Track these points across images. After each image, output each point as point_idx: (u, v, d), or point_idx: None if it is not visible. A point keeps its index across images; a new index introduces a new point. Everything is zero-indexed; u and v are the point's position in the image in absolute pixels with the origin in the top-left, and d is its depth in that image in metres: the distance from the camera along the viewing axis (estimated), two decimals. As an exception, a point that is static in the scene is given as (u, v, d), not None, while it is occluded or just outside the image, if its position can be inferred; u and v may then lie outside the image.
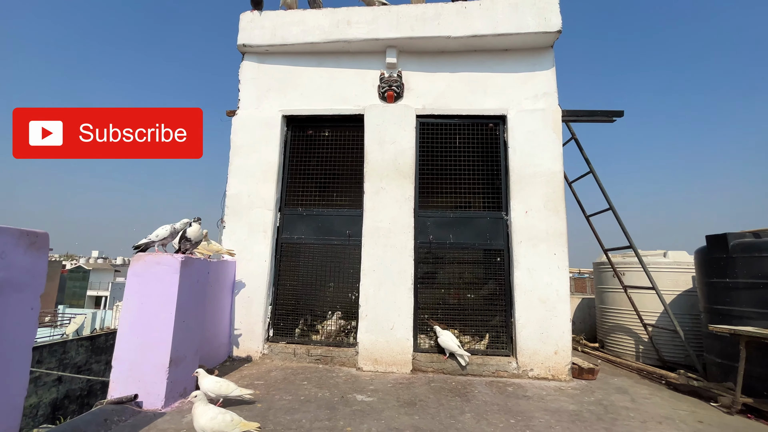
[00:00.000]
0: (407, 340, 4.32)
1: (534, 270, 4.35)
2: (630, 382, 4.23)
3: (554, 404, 3.39)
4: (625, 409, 3.34)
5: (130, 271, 3.11)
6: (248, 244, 4.73)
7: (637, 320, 5.04)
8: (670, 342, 4.88)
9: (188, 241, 3.34)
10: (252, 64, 5.22)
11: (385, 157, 4.74)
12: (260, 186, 4.86)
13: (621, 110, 4.79)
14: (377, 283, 4.47)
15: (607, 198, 4.92)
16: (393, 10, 4.89)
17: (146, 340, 3.00)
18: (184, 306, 3.15)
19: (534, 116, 4.66)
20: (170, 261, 3.10)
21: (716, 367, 3.95)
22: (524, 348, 4.22)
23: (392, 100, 4.86)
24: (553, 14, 4.59)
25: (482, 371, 4.21)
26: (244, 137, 5.01)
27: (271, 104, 5.09)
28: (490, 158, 4.81)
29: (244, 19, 5.15)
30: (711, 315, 4.00)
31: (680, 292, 5.09)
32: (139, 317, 3.02)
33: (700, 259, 4.27)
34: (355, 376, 4.04)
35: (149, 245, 3.28)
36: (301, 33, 5.01)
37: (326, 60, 5.15)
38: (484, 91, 4.83)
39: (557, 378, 4.12)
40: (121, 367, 2.98)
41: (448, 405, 3.28)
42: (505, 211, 4.61)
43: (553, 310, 4.25)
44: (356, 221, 4.74)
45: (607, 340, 5.75)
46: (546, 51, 4.81)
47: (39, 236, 1.87)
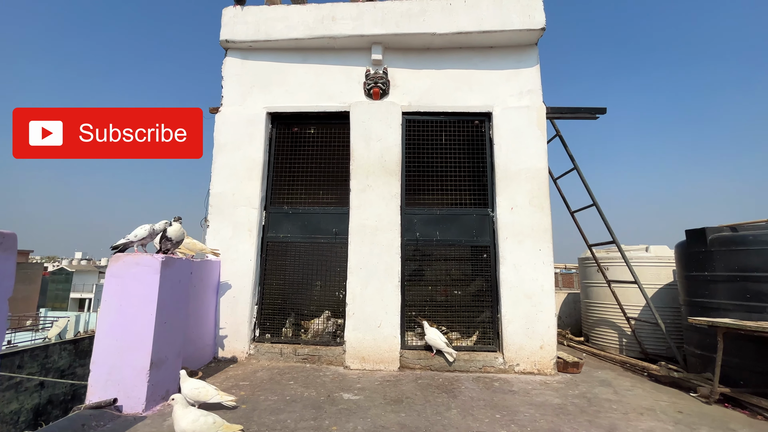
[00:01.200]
0: (395, 337, 4.32)
1: (520, 266, 4.39)
2: (613, 374, 4.31)
3: (539, 398, 3.42)
4: (608, 401, 3.40)
5: (108, 272, 3.03)
6: (233, 243, 4.66)
7: (620, 314, 5.13)
8: (653, 335, 4.98)
9: (169, 240, 3.27)
10: (235, 60, 5.13)
11: (371, 154, 4.72)
12: (245, 184, 4.79)
13: (604, 107, 4.86)
14: (364, 281, 4.46)
15: (591, 194, 4.99)
16: (378, 6, 4.85)
17: (126, 343, 2.93)
18: (165, 307, 3.08)
19: (519, 113, 4.69)
20: (150, 261, 3.03)
21: (696, 359, 4.05)
22: (510, 343, 4.26)
23: (378, 97, 4.83)
24: (537, 11, 4.62)
25: (469, 367, 4.24)
26: (227, 135, 4.93)
27: (256, 101, 5.01)
28: (476, 155, 4.82)
29: (226, 15, 5.06)
30: (690, 307, 4.10)
31: (662, 285, 5.20)
32: (118, 319, 2.95)
33: (680, 253, 4.36)
34: (343, 375, 4.02)
35: (128, 245, 3.20)
36: (285, 29, 4.94)
37: (311, 56, 5.09)
38: (469, 88, 4.84)
39: (543, 372, 4.17)
40: (99, 371, 2.90)
41: (434, 401, 3.29)
42: (491, 207, 4.63)
43: (539, 305, 4.29)
44: (343, 219, 4.71)
45: (591, 334, 5.85)
46: (530, 48, 4.84)
47: (5, 237, 1.80)
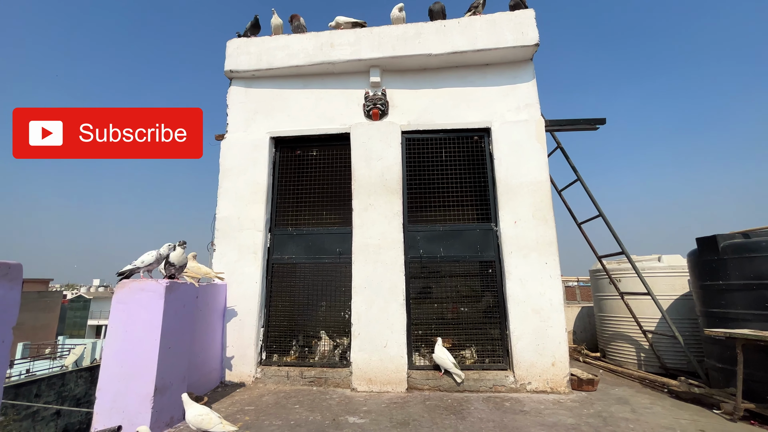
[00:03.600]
0: (401, 357, 4.25)
1: (526, 280, 4.31)
2: (631, 391, 4.13)
3: (551, 418, 3.30)
4: (624, 420, 3.25)
5: (114, 299, 3.09)
6: (239, 266, 4.71)
7: (636, 327, 4.96)
8: (672, 348, 4.78)
9: (172, 266, 3.33)
10: (239, 89, 5.33)
11: (372, 173, 4.78)
12: (250, 207, 4.88)
13: (603, 118, 4.85)
14: (369, 301, 4.43)
15: (596, 205, 4.92)
16: (374, 32, 5.02)
17: (130, 369, 2.95)
18: (169, 332, 3.12)
19: (518, 127, 4.72)
20: (154, 287, 3.09)
21: (718, 373, 3.86)
22: (521, 361, 4.14)
23: (377, 118, 4.93)
24: (530, 28, 4.70)
25: (479, 386, 4.12)
26: (233, 160, 5.07)
27: (259, 127, 5.17)
28: (477, 170, 4.84)
29: (230, 46, 5.29)
30: (707, 319, 3.94)
31: (677, 296, 5.02)
32: (124, 345, 2.99)
33: (693, 262, 4.23)
34: (349, 398, 3.95)
35: (134, 272, 3.27)
36: (286, 57, 5.13)
37: (312, 82, 5.26)
38: (467, 105, 4.91)
39: (556, 390, 4.02)
40: (104, 398, 2.93)
41: (441, 424, 3.19)
42: (495, 222, 4.61)
43: (548, 321, 4.18)
44: (346, 239, 4.73)
45: (608, 349, 5.64)
46: (526, 63, 4.91)
47: (12, 267, 1.87)
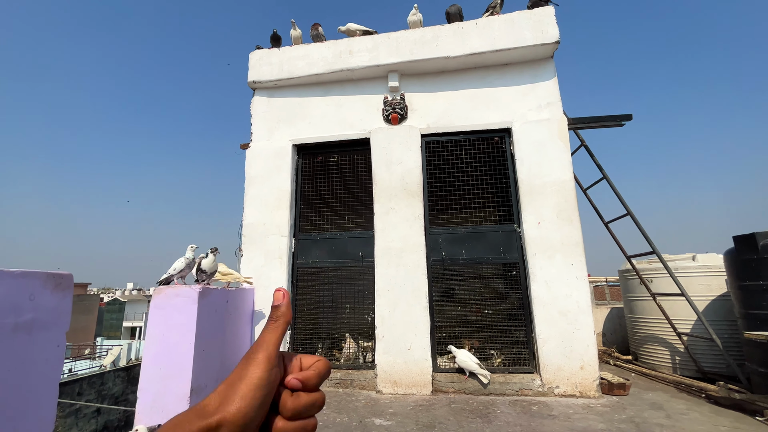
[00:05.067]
0: (425, 360, 4.26)
1: (551, 282, 4.24)
2: (666, 396, 3.99)
3: (581, 423, 3.23)
4: (659, 426, 3.15)
5: (152, 304, 3.27)
6: (265, 271, 4.86)
7: (670, 329, 4.77)
8: (709, 351, 4.57)
9: (204, 272, 3.49)
10: (262, 99, 5.50)
11: (393, 177, 4.83)
12: (274, 213, 5.03)
13: (629, 114, 4.71)
14: (392, 304, 4.47)
15: (624, 203, 4.78)
16: (392, 37, 5.07)
17: (168, 371, 3.11)
18: (203, 335, 3.26)
19: (539, 126, 4.65)
20: (188, 292, 3.24)
21: (760, 377, 3.67)
22: (547, 364, 4.07)
23: (397, 122, 4.97)
24: (549, 26, 4.63)
25: (505, 390, 4.08)
26: (257, 168, 5.23)
27: (282, 135, 5.32)
28: (498, 171, 4.80)
29: (253, 58, 5.47)
30: (747, 320, 3.76)
31: (714, 297, 4.80)
32: (161, 348, 3.15)
33: (730, 261, 4.05)
34: (375, 400, 4.01)
35: (170, 279, 3.45)
36: (306, 66, 5.26)
37: (332, 89, 5.36)
38: (486, 106, 4.88)
39: (585, 395, 3.93)
40: (145, 398, 3.10)
41: (468, 427, 3.19)
42: (517, 223, 4.56)
43: (575, 323, 4.10)
44: (368, 242, 4.80)
45: (640, 352, 5.45)
46: (546, 62, 4.83)
47: (64, 278, 2.02)
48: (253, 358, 0.36)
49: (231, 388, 0.34)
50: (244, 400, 0.33)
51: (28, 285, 1.83)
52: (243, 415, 0.33)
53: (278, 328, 0.39)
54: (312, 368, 0.40)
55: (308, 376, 0.38)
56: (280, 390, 0.38)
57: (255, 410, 0.34)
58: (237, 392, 0.34)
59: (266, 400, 0.35)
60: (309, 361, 0.41)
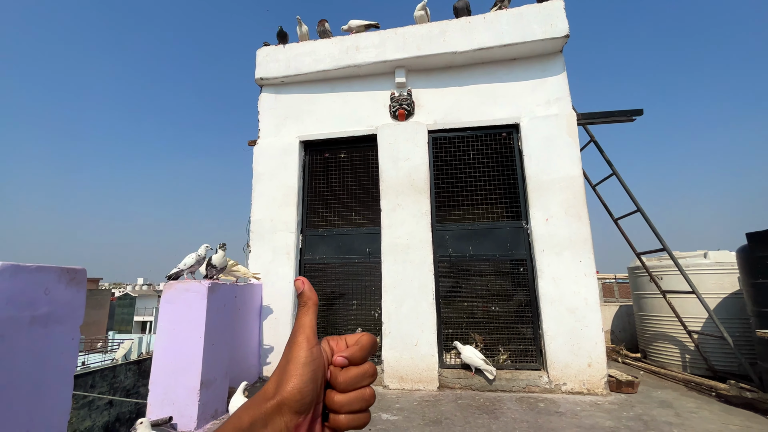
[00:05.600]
0: (432, 356, 4.28)
1: (559, 279, 4.21)
2: (675, 394, 3.95)
3: (589, 420, 3.22)
4: (668, 424, 3.13)
5: (162, 299, 3.32)
6: (273, 267, 4.90)
7: (680, 327, 4.72)
8: (720, 350, 4.51)
9: (213, 267, 3.53)
10: (269, 96, 5.52)
11: (400, 174, 4.82)
12: (282, 210, 5.06)
13: (640, 109, 4.64)
14: (399, 300, 4.49)
15: (634, 199, 4.72)
16: (399, 32, 5.04)
17: (178, 364, 3.17)
18: (212, 330, 3.31)
19: (548, 122, 4.60)
20: (198, 287, 3.29)
21: (772, 377, 3.62)
22: (555, 361, 4.06)
23: (403, 118, 4.96)
24: (559, 20, 4.57)
25: (512, 386, 4.08)
26: (265, 164, 5.27)
27: (289, 131, 5.34)
28: (506, 167, 4.77)
29: (260, 55, 5.49)
30: (760, 319, 3.70)
31: (726, 294, 4.72)
32: (172, 342, 3.21)
33: (743, 259, 3.98)
34: (381, 395, 4.03)
35: (179, 274, 3.50)
36: (313, 62, 5.26)
37: (338, 85, 5.36)
38: (494, 102, 4.84)
39: (593, 392, 3.92)
40: (156, 391, 3.16)
41: (474, 423, 3.20)
42: (525, 219, 4.53)
43: (583, 320, 4.07)
44: (375, 239, 4.81)
45: (649, 350, 5.39)
46: (555, 56, 4.77)
47: (78, 272, 2.06)
48: (294, 342, 0.40)
49: (282, 372, 0.38)
50: (295, 378, 0.37)
51: (43, 279, 1.88)
52: (298, 390, 0.37)
53: (309, 310, 0.42)
54: (356, 344, 0.43)
55: (353, 352, 0.42)
56: (332, 369, 0.41)
57: (308, 385, 0.37)
58: (288, 373, 0.38)
59: (315, 376, 0.39)
60: (353, 339, 0.44)
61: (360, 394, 0.41)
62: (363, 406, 0.41)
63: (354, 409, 0.41)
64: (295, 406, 0.37)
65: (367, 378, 0.42)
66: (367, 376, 0.42)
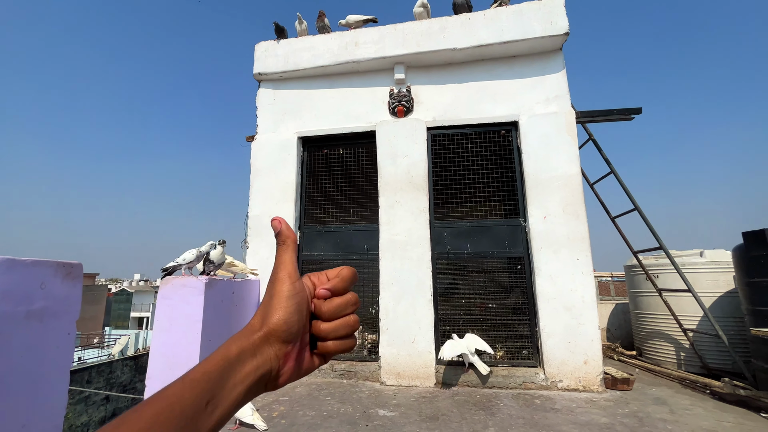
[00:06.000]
0: (429, 353, 4.29)
1: (556, 277, 4.23)
2: (670, 392, 3.98)
3: (584, 417, 3.25)
4: (662, 421, 3.15)
5: (159, 294, 3.31)
6: (270, 263, 4.85)
7: (675, 325, 4.75)
8: (714, 348, 4.55)
9: (212, 263, 3.52)
10: (268, 91, 5.49)
11: (398, 170, 4.81)
12: (280, 206, 5.04)
13: (639, 107, 4.64)
14: (396, 296, 4.49)
15: (632, 198, 4.73)
16: (398, 28, 5.02)
17: (176, 360, 3.16)
18: (209, 325, 3.31)
19: (546, 120, 4.60)
20: (195, 283, 3.28)
21: (766, 374, 3.65)
22: (551, 358, 4.08)
23: (402, 115, 4.94)
24: (559, 17, 4.56)
25: (509, 383, 4.10)
26: (263, 160, 5.24)
27: (288, 127, 5.31)
28: (505, 165, 4.77)
29: (258, 50, 5.45)
30: (754, 317, 3.73)
31: (722, 293, 4.76)
32: (168, 337, 3.20)
33: (739, 257, 4.01)
34: (379, 391, 4.04)
35: (176, 268, 3.48)
36: (312, 58, 5.23)
37: (337, 81, 5.33)
38: (493, 99, 4.83)
39: (589, 389, 3.94)
40: (153, 386, 3.15)
41: (471, 419, 3.22)
42: (523, 217, 4.53)
43: (580, 318, 4.09)
44: (373, 235, 4.80)
45: (644, 348, 5.44)
46: (555, 54, 4.76)
47: (74, 267, 2.05)
48: (276, 278, 0.41)
49: (267, 306, 0.40)
50: (280, 310, 0.39)
51: (39, 274, 1.86)
52: (284, 321, 0.39)
53: (288, 248, 0.43)
54: (337, 276, 0.45)
55: (334, 284, 0.44)
56: (315, 302, 0.43)
57: (293, 316, 0.39)
58: (273, 307, 0.39)
59: (300, 308, 0.40)
60: (334, 272, 0.46)
61: (345, 321, 0.43)
62: (348, 332, 0.43)
63: (340, 335, 0.43)
64: (282, 336, 0.38)
65: (351, 306, 0.44)
66: (350, 305, 0.44)
